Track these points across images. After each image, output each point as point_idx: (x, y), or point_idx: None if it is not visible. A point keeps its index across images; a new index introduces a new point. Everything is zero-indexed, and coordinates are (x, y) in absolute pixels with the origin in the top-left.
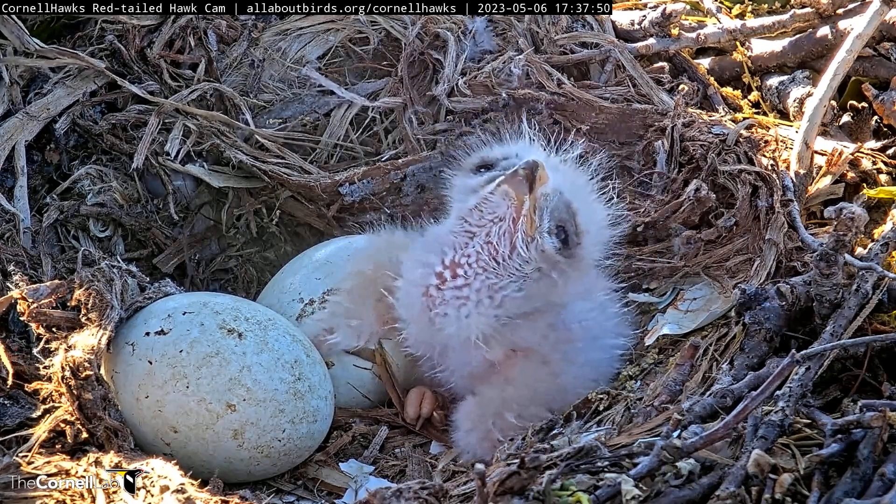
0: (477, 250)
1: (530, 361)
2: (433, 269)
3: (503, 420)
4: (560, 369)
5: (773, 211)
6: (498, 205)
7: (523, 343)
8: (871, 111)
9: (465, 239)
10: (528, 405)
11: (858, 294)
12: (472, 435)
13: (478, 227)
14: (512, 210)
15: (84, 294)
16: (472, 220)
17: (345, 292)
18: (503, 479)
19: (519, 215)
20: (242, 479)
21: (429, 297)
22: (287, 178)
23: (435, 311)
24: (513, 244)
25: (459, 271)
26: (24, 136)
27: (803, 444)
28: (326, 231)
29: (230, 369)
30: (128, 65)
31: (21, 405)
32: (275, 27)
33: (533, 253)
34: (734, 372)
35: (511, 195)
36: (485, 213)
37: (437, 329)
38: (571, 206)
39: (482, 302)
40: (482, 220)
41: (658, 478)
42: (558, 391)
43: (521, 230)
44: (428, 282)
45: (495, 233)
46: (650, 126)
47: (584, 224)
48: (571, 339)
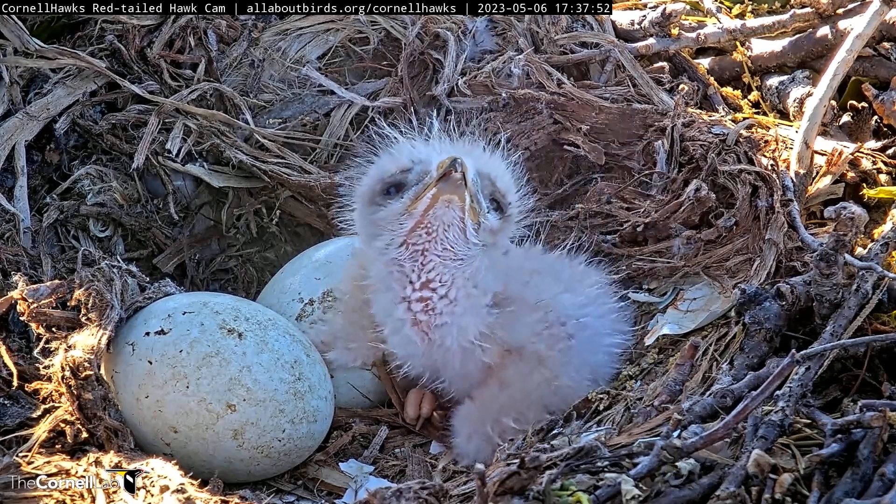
0: (437, 259)
1: (526, 363)
2: (410, 298)
3: (501, 424)
4: (558, 371)
5: (773, 211)
6: (443, 212)
7: (517, 342)
8: (871, 111)
9: (418, 258)
10: (525, 409)
11: (858, 294)
12: (472, 441)
13: (428, 241)
14: (458, 211)
15: (84, 294)
16: (419, 239)
17: (343, 314)
18: (503, 479)
19: (464, 213)
20: (242, 479)
21: (419, 323)
22: (287, 178)
23: (432, 327)
24: (466, 237)
25: (433, 285)
26: (24, 136)
27: (803, 444)
28: (326, 231)
29: (230, 369)
30: (128, 65)
31: (21, 405)
32: (275, 27)
33: (483, 235)
34: (734, 372)
35: (454, 199)
36: (432, 228)
37: (437, 347)
38: (490, 176)
39: (470, 295)
40: (430, 233)
41: (658, 478)
42: (556, 393)
43: (468, 222)
44: (412, 310)
45: (450, 237)
46: (650, 126)
47: (505, 185)
48: (566, 336)
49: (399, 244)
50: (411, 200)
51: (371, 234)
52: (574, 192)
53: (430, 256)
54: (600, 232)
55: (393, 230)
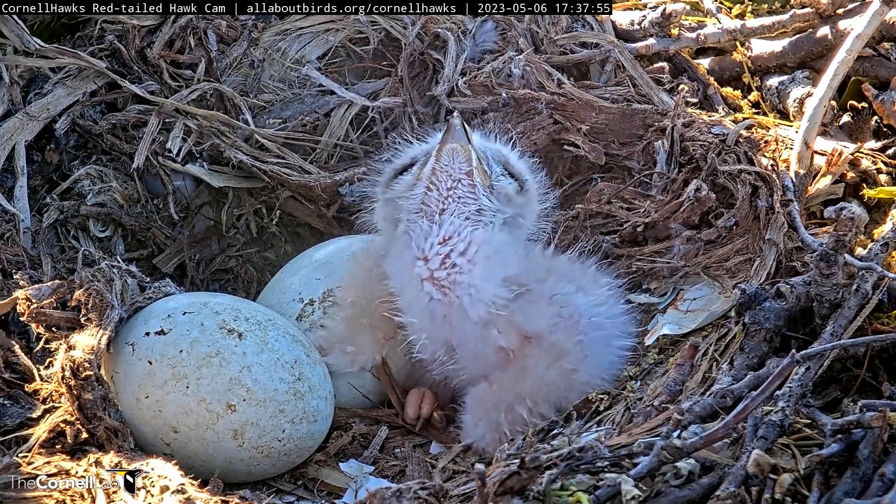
0: (453, 220)
1: (547, 354)
2: (428, 255)
3: (514, 413)
4: (578, 364)
5: (773, 211)
6: (450, 166)
7: (532, 327)
8: (871, 111)
9: (435, 219)
10: (542, 400)
11: (858, 294)
12: (479, 426)
13: (443, 197)
14: (464, 163)
15: (84, 294)
16: (433, 198)
17: (341, 319)
18: (503, 479)
19: (471, 165)
20: (242, 479)
21: (435, 281)
22: (287, 178)
23: (449, 284)
24: (478, 202)
25: (453, 241)
26: (24, 136)
27: (803, 444)
28: (326, 231)
29: (230, 369)
30: (128, 65)
31: (21, 405)
32: (275, 27)
33: (496, 203)
34: (734, 372)
35: (457, 148)
36: (441, 184)
37: (453, 309)
38: (501, 153)
39: (489, 258)
40: (442, 189)
41: (658, 478)
42: (573, 387)
43: (479, 184)
44: (430, 268)
45: (459, 196)
46: (650, 126)
47: (516, 165)
48: (582, 330)
49: (415, 211)
50: (419, 169)
51: (391, 220)
52: (574, 193)
53: (445, 216)
54: (600, 232)
55: (408, 199)
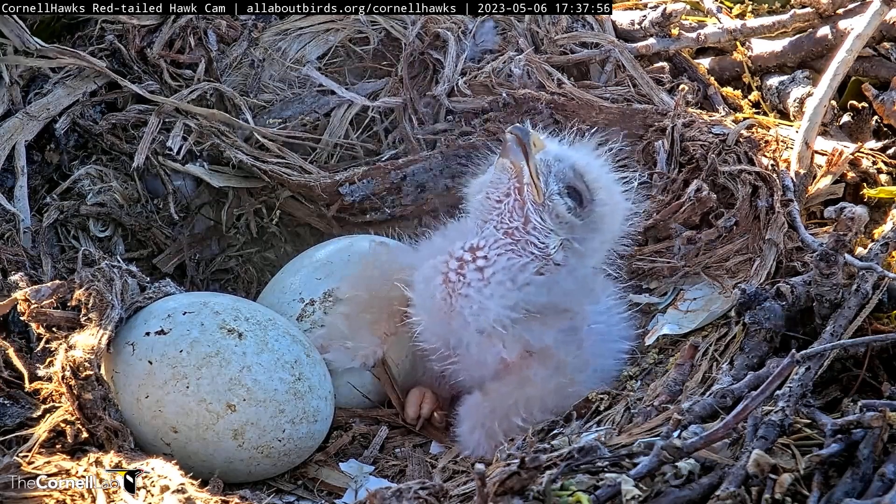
0: (494, 232)
1: (545, 367)
2: (454, 254)
3: (509, 422)
4: (575, 377)
5: (773, 211)
6: (501, 181)
7: (539, 344)
8: (871, 111)
9: (480, 225)
10: (536, 411)
11: (858, 294)
12: (474, 434)
13: (490, 211)
14: (514, 181)
15: (84, 294)
16: (484, 209)
17: (341, 315)
18: (503, 479)
19: (522, 184)
20: (242, 479)
21: (448, 282)
22: (287, 178)
23: (456, 293)
24: (525, 216)
25: (479, 253)
26: (24, 136)
27: (803, 444)
28: (326, 231)
29: (230, 369)
30: (128, 65)
31: (21, 405)
32: (275, 27)
33: (548, 220)
34: (734, 372)
35: (507, 166)
36: (492, 197)
37: (455, 314)
38: (576, 165)
39: (503, 283)
40: (492, 203)
41: (658, 478)
42: (567, 398)
43: (529, 200)
44: (448, 267)
45: (506, 210)
46: (650, 126)
47: (594, 182)
48: (584, 343)
49: (475, 214)
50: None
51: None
52: None
53: (487, 226)
54: None
55: (469, 201)
